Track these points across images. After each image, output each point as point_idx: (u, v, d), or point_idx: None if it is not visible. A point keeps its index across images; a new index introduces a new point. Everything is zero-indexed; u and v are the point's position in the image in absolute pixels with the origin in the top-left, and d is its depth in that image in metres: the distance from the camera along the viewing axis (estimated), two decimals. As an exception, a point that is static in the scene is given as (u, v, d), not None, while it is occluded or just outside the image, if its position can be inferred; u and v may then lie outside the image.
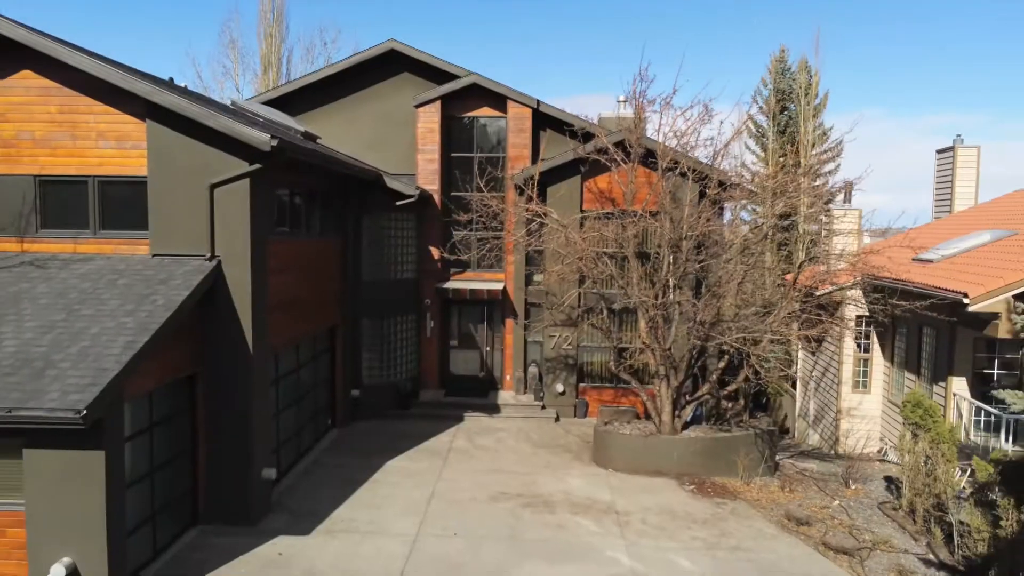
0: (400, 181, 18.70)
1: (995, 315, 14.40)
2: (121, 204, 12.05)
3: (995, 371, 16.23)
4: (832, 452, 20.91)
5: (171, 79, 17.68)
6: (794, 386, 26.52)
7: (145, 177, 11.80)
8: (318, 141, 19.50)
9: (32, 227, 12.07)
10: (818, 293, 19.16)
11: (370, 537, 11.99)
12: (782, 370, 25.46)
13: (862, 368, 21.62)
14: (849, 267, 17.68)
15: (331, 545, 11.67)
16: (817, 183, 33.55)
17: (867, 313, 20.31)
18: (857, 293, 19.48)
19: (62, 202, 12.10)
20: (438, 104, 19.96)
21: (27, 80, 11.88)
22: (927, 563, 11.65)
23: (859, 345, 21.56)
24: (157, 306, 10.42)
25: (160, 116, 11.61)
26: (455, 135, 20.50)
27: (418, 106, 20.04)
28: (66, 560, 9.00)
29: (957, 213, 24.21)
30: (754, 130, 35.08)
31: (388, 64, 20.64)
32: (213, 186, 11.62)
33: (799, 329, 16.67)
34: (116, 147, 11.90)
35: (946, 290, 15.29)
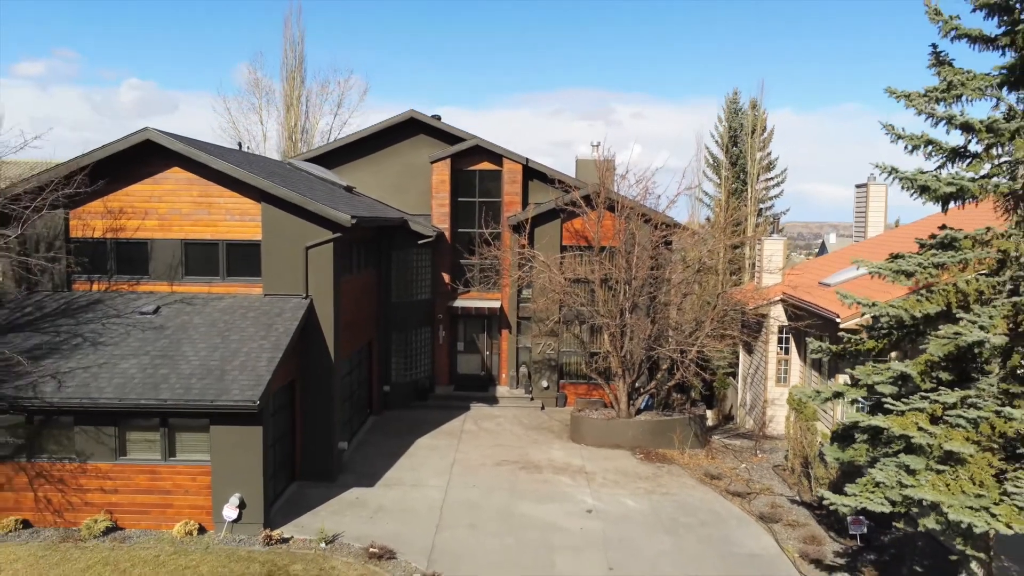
0: (418, 222, 24.06)
1: (857, 331, 19.97)
2: (241, 259, 17.35)
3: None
4: (760, 433, 26.57)
5: (240, 143, 22.96)
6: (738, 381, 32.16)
7: (259, 240, 17.12)
8: (354, 191, 24.83)
9: (179, 274, 17.35)
10: (748, 308, 24.96)
11: (415, 488, 17.42)
12: (720, 369, 31.22)
13: (784, 366, 27.22)
14: (774, 287, 23.30)
15: (389, 493, 17.08)
16: (762, 207, 39.34)
17: (787, 323, 25.95)
18: (780, 307, 25.13)
19: (200, 257, 17.38)
20: (448, 161, 25.33)
21: (176, 174, 17.15)
22: (792, 501, 17.28)
23: (782, 348, 27.18)
24: (279, 332, 15.76)
25: (271, 200, 16.91)
26: (461, 184, 25.86)
27: (433, 162, 25.40)
28: (237, 495, 14.36)
29: (865, 241, 29.89)
30: (711, 160, 40.75)
31: (408, 128, 25.99)
32: (308, 247, 16.95)
33: (719, 341, 22.11)
34: (239, 220, 17.20)
35: (827, 310, 20.85)
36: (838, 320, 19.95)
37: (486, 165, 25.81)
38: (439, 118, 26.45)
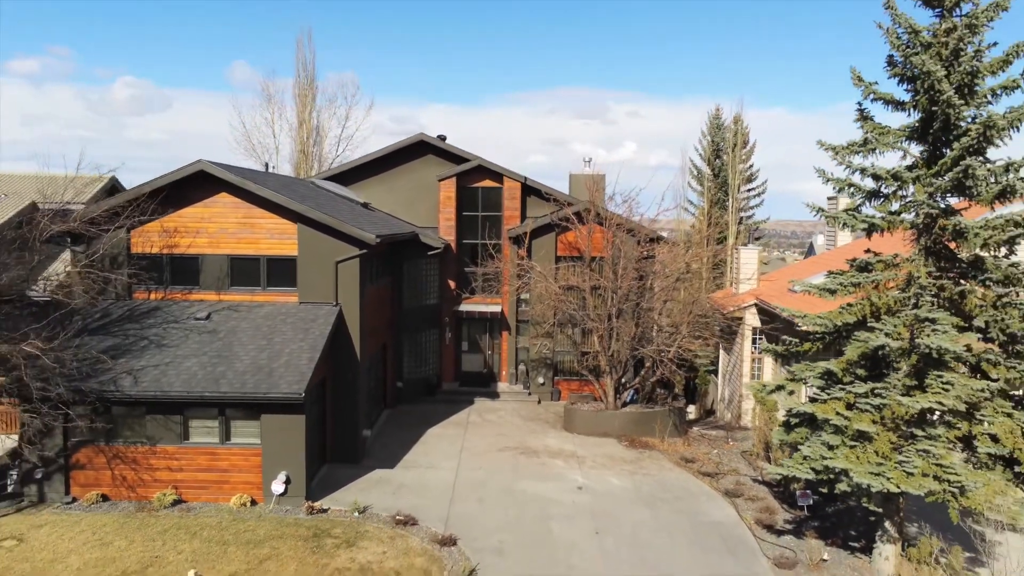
0: (427, 234, 26.78)
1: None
2: (279, 271, 20.05)
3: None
4: (735, 424, 29.40)
5: (266, 164, 25.64)
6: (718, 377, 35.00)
7: (295, 256, 19.83)
8: (370, 206, 27.54)
9: (225, 285, 20.04)
10: (725, 312, 27.83)
11: (430, 470, 20.16)
12: (702, 368, 34.03)
13: (757, 364, 30.05)
14: (748, 293, 26.12)
15: (408, 473, 19.83)
16: (743, 215, 42.20)
17: (760, 324, 28.78)
18: (754, 310, 27.96)
19: (243, 270, 20.08)
20: (454, 179, 28.06)
21: (224, 198, 19.85)
22: (754, 480, 20.09)
23: (756, 348, 29.99)
24: (315, 335, 18.49)
25: (306, 221, 19.61)
26: (466, 200, 28.60)
27: (440, 180, 28.13)
28: (284, 472, 17.08)
29: (834, 250, 32.74)
30: (695, 172, 43.60)
31: (417, 149, 28.72)
32: (338, 262, 19.67)
33: (695, 342, 24.89)
34: (277, 239, 19.90)
35: (791, 310, 23.62)
36: (798, 324, 22.83)
37: (488, 183, 28.56)
38: (444, 138, 29.19)
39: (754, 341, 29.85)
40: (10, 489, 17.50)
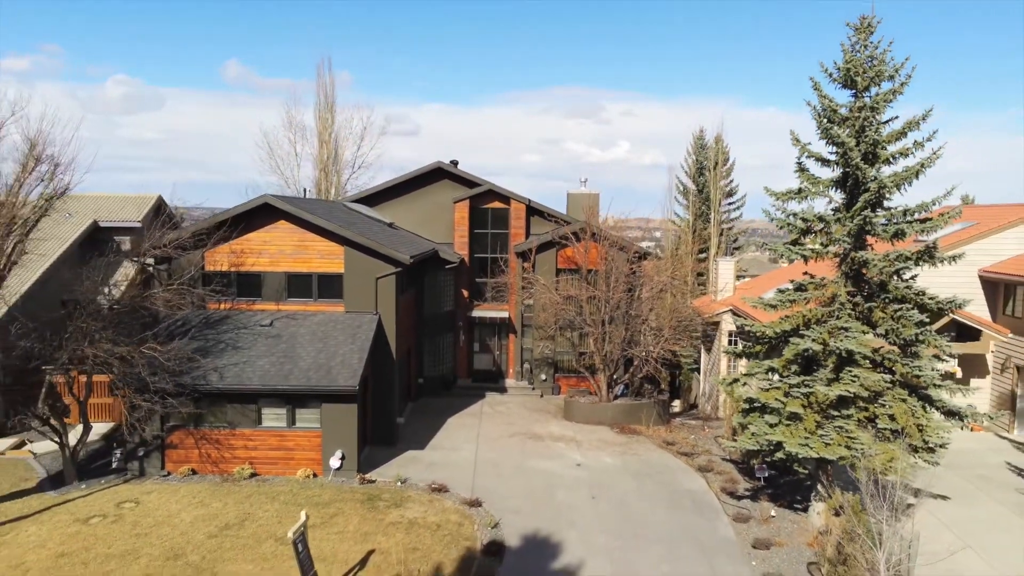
0: (444, 250, 30.82)
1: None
2: (328, 285, 24.07)
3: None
4: (713, 415, 33.53)
5: (304, 190, 29.67)
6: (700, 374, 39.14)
7: (342, 273, 23.86)
8: (395, 225, 31.58)
9: (283, 297, 24.06)
10: (705, 317, 31.98)
11: (453, 451, 24.20)
12: (686, 366, 38.15)
13: (733, 363, 34.18)
14: (724, 300, 30.25)
15: (436, 453, 23.87)
16: (724, 227, 46.34)
17: (735, 328, 32.90)
18: (729, 316, 32.10)
19: (298, 284, 24.10)
20: (467, 201, 32.13)
21: (283, 226, 23.87)
22: (723, 459, 24.21)
23: (731, 347, 34.05)
24: (362, 339, 22.51)
25: (352, 244, 23.64)
26: (477, 219, 32.65)
27: (455, 202, 32.19)
28: (340, 451, 21.11)
29: (788, 266, 36.83)
30: (681, 187, 47.76)
31: (434, 175, 32.82)
32: (377, 278, 23.70)
33: (676, 344, 28.98)
34: (327, 259, 23.93)
35: (753, 319, 27.74)
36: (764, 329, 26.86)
37: (497, 204, 32.63)
38: (456, 163, 33.25)
39: (730, 343, 34.01)
40: (115, 465, 21.45)
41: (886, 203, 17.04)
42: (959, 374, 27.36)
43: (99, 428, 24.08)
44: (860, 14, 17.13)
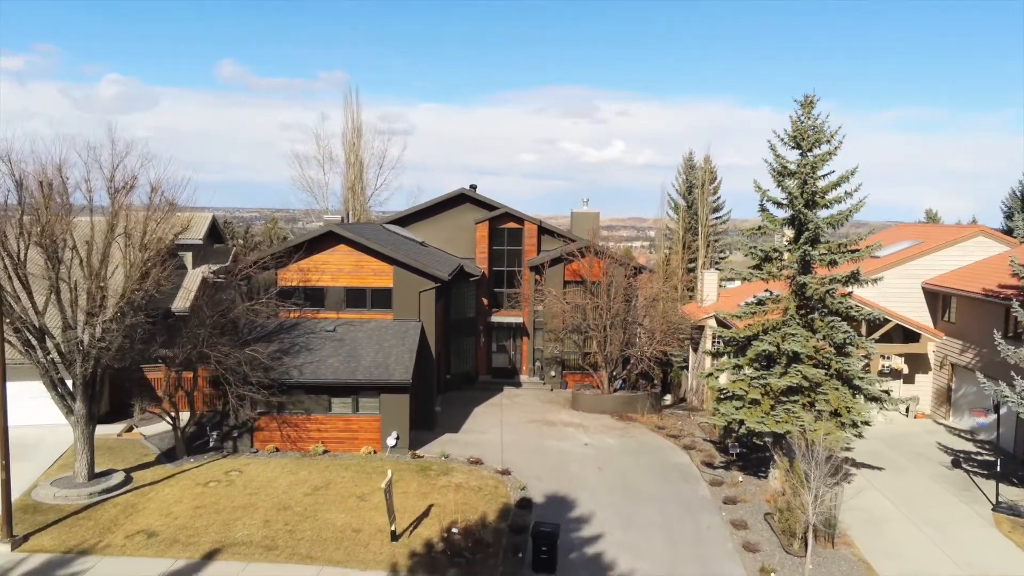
0: (467, 265, 35.97)
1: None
2: (380, 298, 29.21)
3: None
4: (700, 407, 38.70)
5: (347, 213, 34.83)
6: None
7: (391, 287, 29.02)
8: (425, 244, 36.74)
9: (342, 307, 29.20)
10: (692, 322, 37.27)
11: (482, 434, 29.36)
12: (676, 364, 43.31)
13: (716, 360, 39.32)
14: (709, 307, 35.46)
15: (468, 436, 29.02)
16: (711, 239, 51.58)
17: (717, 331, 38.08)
18: (713, 321, 37.31)
19: (354, 296, 29.24)
20: (487, 223, 37.33)
21: (342, 249, 29.03)
22: (704, 440, 29.43)
23: (713, 347, 39.25)
24: (410, 342, 27.64)
25: (399, 263, 28.78)
26: (495, 238, 37.82)
27: (476, 223, 37.40)
28: (395, 432, 26.27)
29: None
30: (672, 203, 52.98)
31: (458, 199, 38.05)
32: (420, 292, 28.85)
33: (667, 345, 34.16)
34: (379, 275, 29.08)
35: (735, 325, 32.91)
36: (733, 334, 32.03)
37: (512, 225, 37.83)
38: (475, 187, 38.43)
39: (714, 344, 39.18)
40: (211, 444, 26.54)
41: (822, 239, 22.25)
42: (906, 370, 32.63)
43: (182, 416, 29.11)
44: (804, 93, 22.37)
